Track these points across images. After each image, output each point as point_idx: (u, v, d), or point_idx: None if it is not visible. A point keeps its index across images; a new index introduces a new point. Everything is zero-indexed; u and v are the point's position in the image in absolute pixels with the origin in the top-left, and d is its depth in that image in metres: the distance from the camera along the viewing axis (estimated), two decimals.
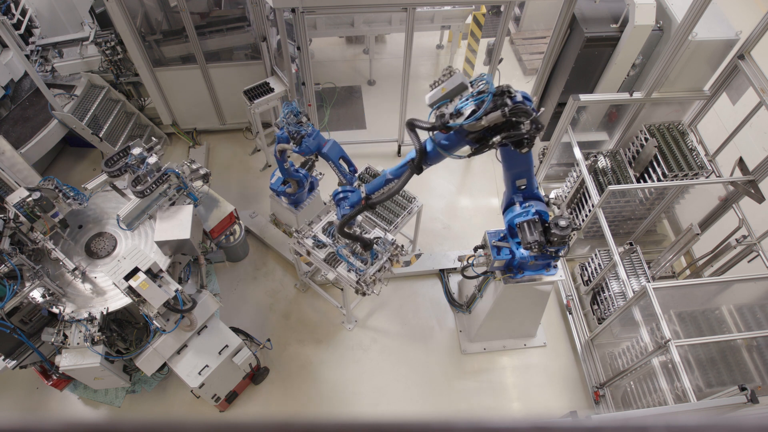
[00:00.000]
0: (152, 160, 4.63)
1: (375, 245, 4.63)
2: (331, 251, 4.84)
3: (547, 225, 3.98)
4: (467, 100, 3.10)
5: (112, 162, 4.69)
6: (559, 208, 6.20)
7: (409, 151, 3.56)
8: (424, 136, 3.50)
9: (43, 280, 4.27)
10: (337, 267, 4.75)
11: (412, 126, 3.36)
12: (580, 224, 5.63)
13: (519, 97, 3.12)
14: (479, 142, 3.25)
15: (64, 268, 4.52)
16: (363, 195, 3.90)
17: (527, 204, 4.05)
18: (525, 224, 3.99)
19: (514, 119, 3.07)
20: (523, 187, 4.01)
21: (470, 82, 3.18)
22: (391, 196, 3.78)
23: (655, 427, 0.74)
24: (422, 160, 3.45)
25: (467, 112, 3.07)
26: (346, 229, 4.30)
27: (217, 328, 4.75)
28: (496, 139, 3.16)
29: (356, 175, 4.82)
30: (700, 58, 5.21)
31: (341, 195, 4.17)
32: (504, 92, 3.10)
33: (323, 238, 4.93)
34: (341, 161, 4.63)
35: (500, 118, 3.03)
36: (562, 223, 3.86)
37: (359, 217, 4.98)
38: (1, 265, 4.15)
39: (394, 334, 5.80)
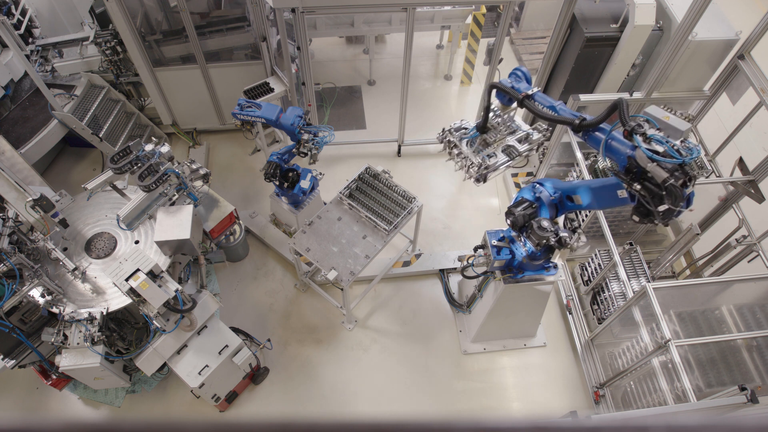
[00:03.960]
0: (165, 149, 4.74)
1: (487, 133, 4.47)
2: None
3: (529, 224, 3.94)
4: (666, 142, 3.07)
5: (119, 158, 4.67)
6: None
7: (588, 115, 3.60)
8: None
9: (42, 279, 4.26)
10: (461, 143, 4.67)
11: (615, 108, 3.31)
12: (580, 223, 5.61)
13: (688, 190, 3.09)
14: (628, 173, 3.21)
15: (64, 268, 4.52)
16: (527, 93, 3.82)
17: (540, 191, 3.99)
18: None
19: (662, 192, 3.05)
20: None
21: (682, 139, 3.18)
22: (541, 117, 3.78)
23: (655, 427, 0.74)
24: (585, 129, 3.48)
25: (654, 147, 3.06)
26: (489, 96, 4.12)
27: (217, 328, 4.75)
28: (637, 186, 3.15)
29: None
30: (700, 58, 5.21)
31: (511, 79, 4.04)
32: (686, 174, 3.05)
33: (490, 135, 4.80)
34: None
35: (661, 176, 2.98)
36: (545, 224, 3.83)
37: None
38: (0, 264, 4.15)
39: (394, 334, 5.80)
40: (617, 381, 4.93)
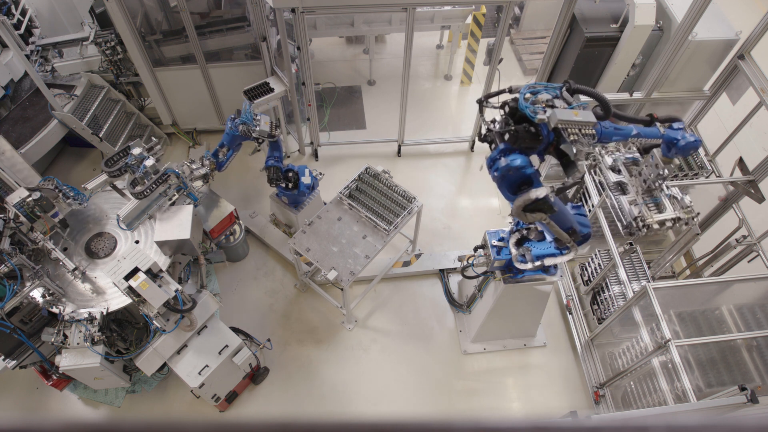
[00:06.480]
0: (149, 162, 4.61)
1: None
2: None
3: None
4: (546, 101, 3.36)
5: (112, 162, 4.70)
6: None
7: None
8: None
9: (43, 280, 4.26)
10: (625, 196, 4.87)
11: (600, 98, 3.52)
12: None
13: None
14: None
15: (64, 268, 4.52)
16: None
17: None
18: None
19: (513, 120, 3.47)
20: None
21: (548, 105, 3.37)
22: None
23: (655, 427, 0.74)
24: (574, 91, 3.54)
25: (539, 91, 3.42)
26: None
27: (217, 328, 4.75)
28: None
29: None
30: (700, 58, 5.22)
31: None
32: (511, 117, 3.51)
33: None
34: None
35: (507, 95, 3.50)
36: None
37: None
38: (1, 265, 4.15)
39: (394, 334, 5.80)
40: (617, 381, 4.93)
